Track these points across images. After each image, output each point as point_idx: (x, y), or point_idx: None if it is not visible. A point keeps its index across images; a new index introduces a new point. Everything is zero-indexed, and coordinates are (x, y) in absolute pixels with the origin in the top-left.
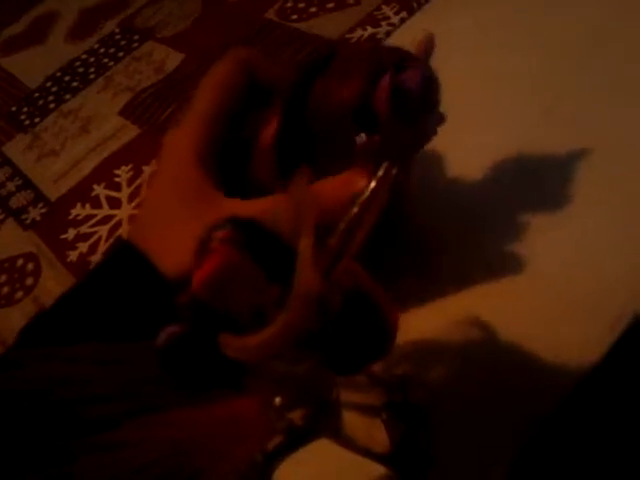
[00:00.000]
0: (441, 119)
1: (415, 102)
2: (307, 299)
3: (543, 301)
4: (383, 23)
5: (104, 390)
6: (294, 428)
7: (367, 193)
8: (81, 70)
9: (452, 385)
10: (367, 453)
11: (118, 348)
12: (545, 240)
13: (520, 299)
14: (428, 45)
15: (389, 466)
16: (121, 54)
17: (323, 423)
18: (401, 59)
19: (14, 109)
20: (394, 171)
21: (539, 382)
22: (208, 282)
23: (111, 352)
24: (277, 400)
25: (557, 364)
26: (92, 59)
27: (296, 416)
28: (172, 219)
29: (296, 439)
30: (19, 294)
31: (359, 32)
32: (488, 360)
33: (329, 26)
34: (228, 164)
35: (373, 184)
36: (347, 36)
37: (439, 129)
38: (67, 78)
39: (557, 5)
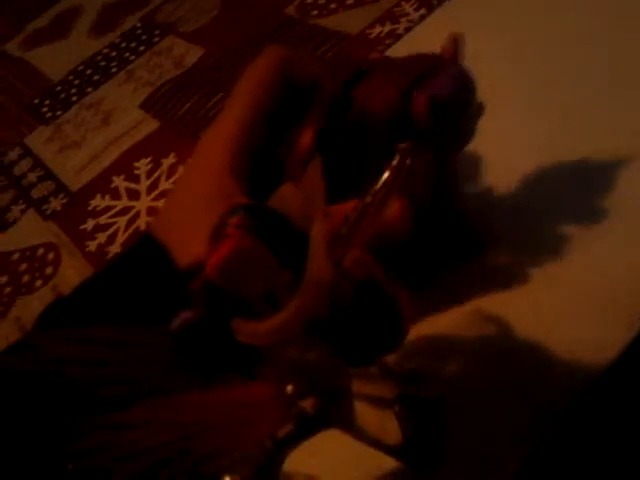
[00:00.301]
0: (480, 112)
1: (450, 109)
2: (319, 285)
3: (561, 299)
4: (402, 19)
5: (115, 372)
6: (305, 416)
7: (380, 183)
8: (103, 64)
9: (466, 381)
10: (378, 445)
11: (132, 331)
12: (572, 242)
13: (539, 297)
14: (456, 46)
15: (400, 459)
16: (142, 48)
17: (334, 412)
18: (432, 66)
19: (36, 101)
20: (408, 161)
21: (554, 380)
22: (222, 266)
23: (125, 335)
24: (289, 388)
25: (573, 362)
26: (114, 53)
27: (307, 404)
28: (195, 220)
29: (307, 427)
30: (38, 282)
31: (378, 28)
32: (503, 357)
33: (349, 22)
34: (261, 177)
35: (386, 174)
36: (367, 32)
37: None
38: (89, 72)
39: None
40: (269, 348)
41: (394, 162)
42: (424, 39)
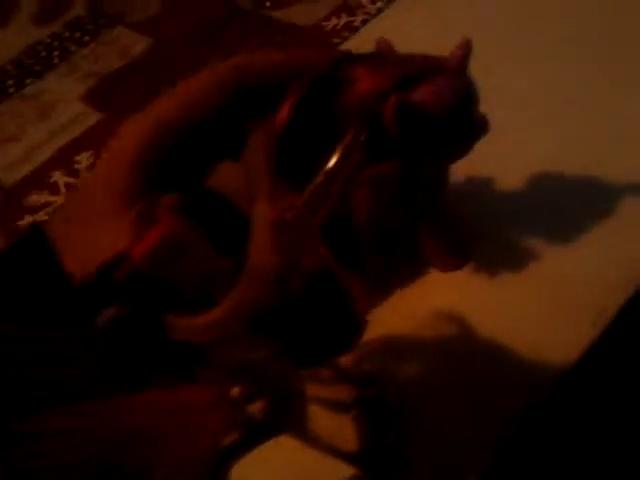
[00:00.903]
0: (482, 130)
1: (426, 118)
2: (262, 273)
3: (525, 300)
4: (359, 12)
5: (31, 373)
6: (253, 422)
7: (333, 161)
8: (44, 54)
9: (426, 384)
10: (334, 452)
11: (44, 331)
12: (538, 246)
13: (503, 298)
14: (465, 53)
15: (358, 466)
16: (87, 39)
17: (285, 417)
18: (430, 70)
19: None
20: (362, 137)
21: (516, 382)
22: (152, 254)
23: (38, 333)
24: (235, 391)
25: (536, 363)
26: (56, 43)
27: (256, 409)
28: (91, 218)
29: (255, 435)
30: None
31: (334, 21)
32: (465, 358)
33: (304, 14)
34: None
35: (338, 153)
36: (322, 24)
37: None
38: (29, 62)
39: None
40: (209, 347)
41: (345, 141)
42: (381, 32)
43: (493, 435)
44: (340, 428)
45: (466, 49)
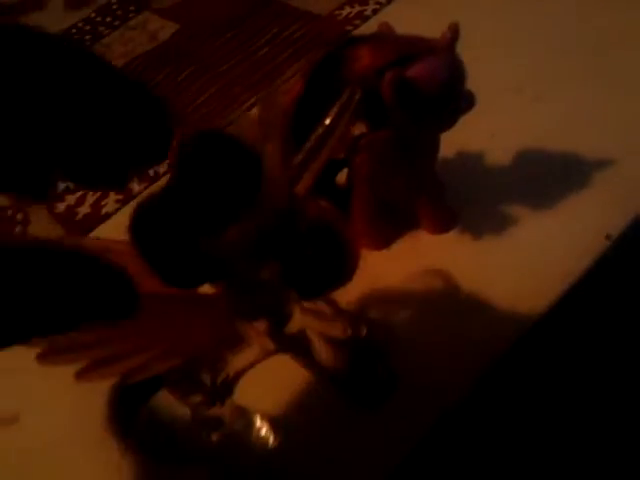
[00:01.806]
0: (469, 103)
1: (420, 92)
2: (275, 193)
3: (505, 258)
4: (371, 1)
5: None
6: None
7: (331, 116)
8: (77, 37)
9: (414, 327)
10: (328, 376)
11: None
12: (516, 210)
13: (484, 257)
14: (454, 35)
15: (348, 393)
16: (117, 23)
17: (286, 339)
18: (423, 49)
19: None
20: (357, 96)
21: (495, 325)
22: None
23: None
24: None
25: (512, 310)
26: (88, 27)
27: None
28: None
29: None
30: None
31: (347, 10)
32: (448, 306)
33: (319, 3)
34: None
35: (336, 108)
36: (336, 12)
37: None
38: None
39: None
40: (231, 262)
41: (342, 99)
42: (391, 20)
43: (469, 372)
44: (334, 360)
45: (454, 32)
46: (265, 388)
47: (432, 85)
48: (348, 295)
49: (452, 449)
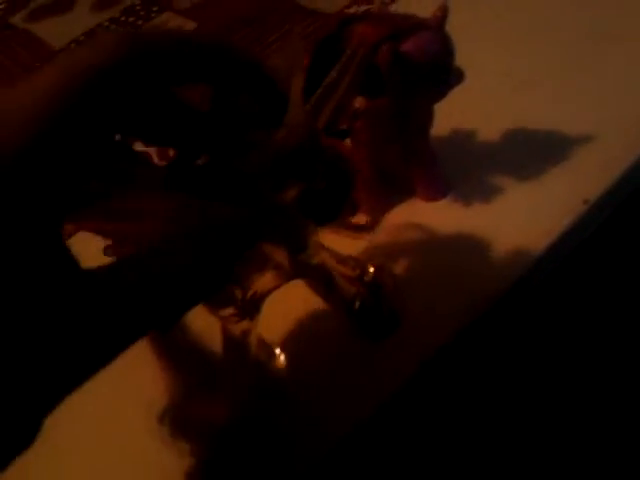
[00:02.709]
0: (458, 78)
1: (415, 65)
2: (298, 118)
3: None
4: (376, 0)
5: None
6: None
7: (341, 63)
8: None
9: (412, 273)
10: (342, 305)
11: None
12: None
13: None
14: (443, 14)
15: (360, 324)
16: (140, 22)
17: (304, 264)
18: (415, 25)
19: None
20: (356, 58)
21: (485, 273)
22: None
23: None
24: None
25: (497, 264)
26: (113, 26)
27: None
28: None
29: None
30: None
31: (354, 8)
32: (443, 260)
33: (329, 1)
34: None
35: (342, 59)
36: (344, 10)
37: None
38: None
39: None
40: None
41: (348, 52)
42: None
43: (465, 311)
44: (347, 293)
45: (444, 11)
46: (278, 319)
47: (423, 57)
48: (352, 249)
49: (447, 379)
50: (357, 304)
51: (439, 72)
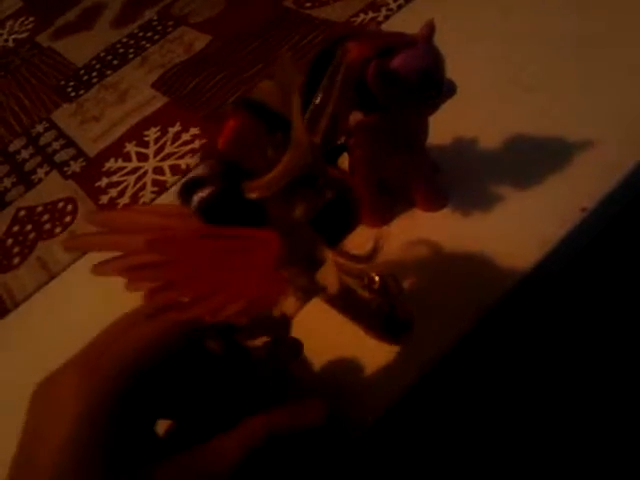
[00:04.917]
0: (450, 91)
1: (402, 80)
2: (301, 139)
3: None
4: (382, 8)
5: None
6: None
7: (325, 80)
8: (122, 51)
9: (417, 280)
10: (363, 312)
11: None
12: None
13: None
14: (431, 30)
15: (378, 328)
16: (157, 37)
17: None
18: (405, 42)
19: (62, 83)
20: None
21: (486, 279)
22: (232, 138)
23: None
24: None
25: (496, 271)
26: (132, 42)
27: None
28: None
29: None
30: (58, 229)
31: (362, 17)
32: (444, 268)
33: (337, 12)
34: None
35: (330, 69)
36: (351, 19)
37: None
38: (109, 57)
39: None
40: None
41: (330, 69)
42: (400, 26)
43: (469, 314)
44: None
45: (431, 27)
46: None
47: (411, 73)
48: None
49: (449, 387)
50: (376, 308)
51: (428, 87)
